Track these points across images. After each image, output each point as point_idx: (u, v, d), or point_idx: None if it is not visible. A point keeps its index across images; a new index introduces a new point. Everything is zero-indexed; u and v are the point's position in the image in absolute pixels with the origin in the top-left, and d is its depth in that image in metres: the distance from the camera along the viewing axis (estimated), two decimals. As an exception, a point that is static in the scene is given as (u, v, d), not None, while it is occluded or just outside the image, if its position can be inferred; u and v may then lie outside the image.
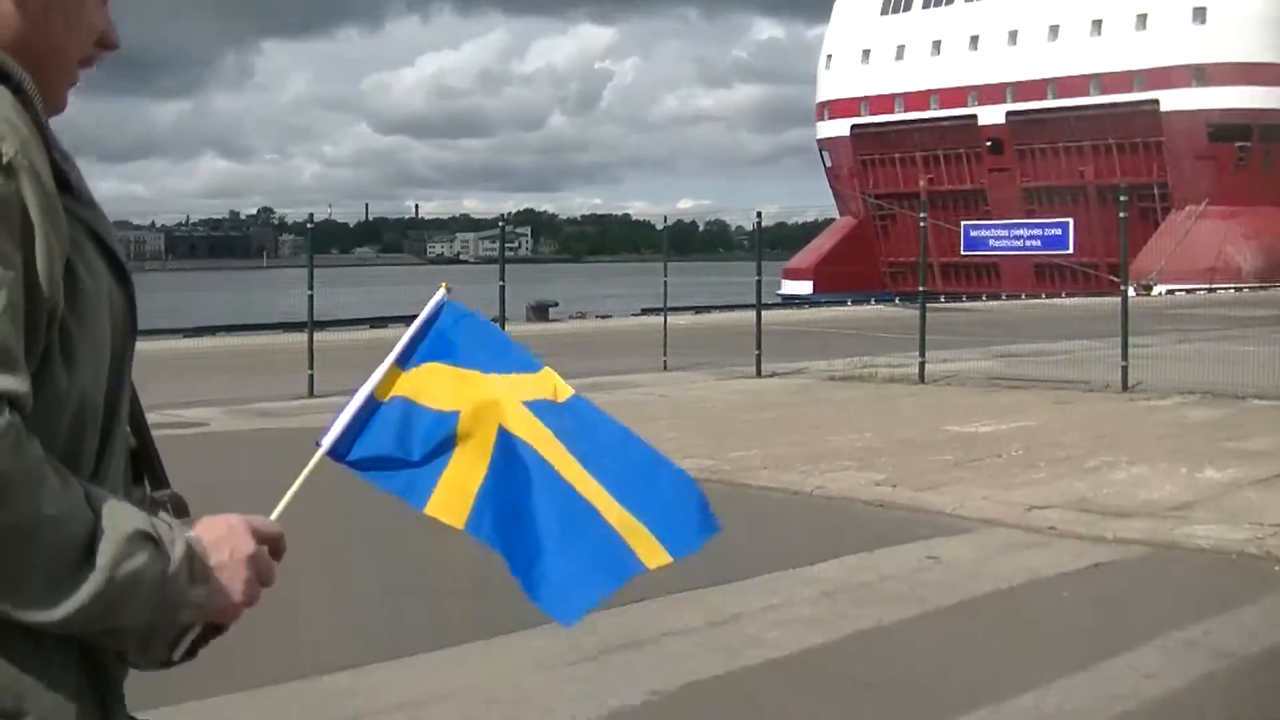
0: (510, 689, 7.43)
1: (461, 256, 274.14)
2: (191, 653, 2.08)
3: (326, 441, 2.50)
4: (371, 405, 2.55)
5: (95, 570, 1.88)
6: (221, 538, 2.07)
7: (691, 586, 9.20)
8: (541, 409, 2.57)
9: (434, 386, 2.57)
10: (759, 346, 25.30)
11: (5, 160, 1.87)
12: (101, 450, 2.06)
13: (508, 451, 2.55)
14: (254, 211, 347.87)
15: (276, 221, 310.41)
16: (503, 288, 25.63)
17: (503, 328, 24.03)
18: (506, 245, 29.76)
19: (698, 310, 52.32)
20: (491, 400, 2.58)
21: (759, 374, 24.83)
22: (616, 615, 8.45)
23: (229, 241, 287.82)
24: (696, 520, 2.55)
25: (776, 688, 7.62)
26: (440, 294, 2.65)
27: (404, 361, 2.59)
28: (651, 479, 2.56)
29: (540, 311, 46.50)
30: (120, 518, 1.92)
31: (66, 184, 2.03)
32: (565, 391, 2.60)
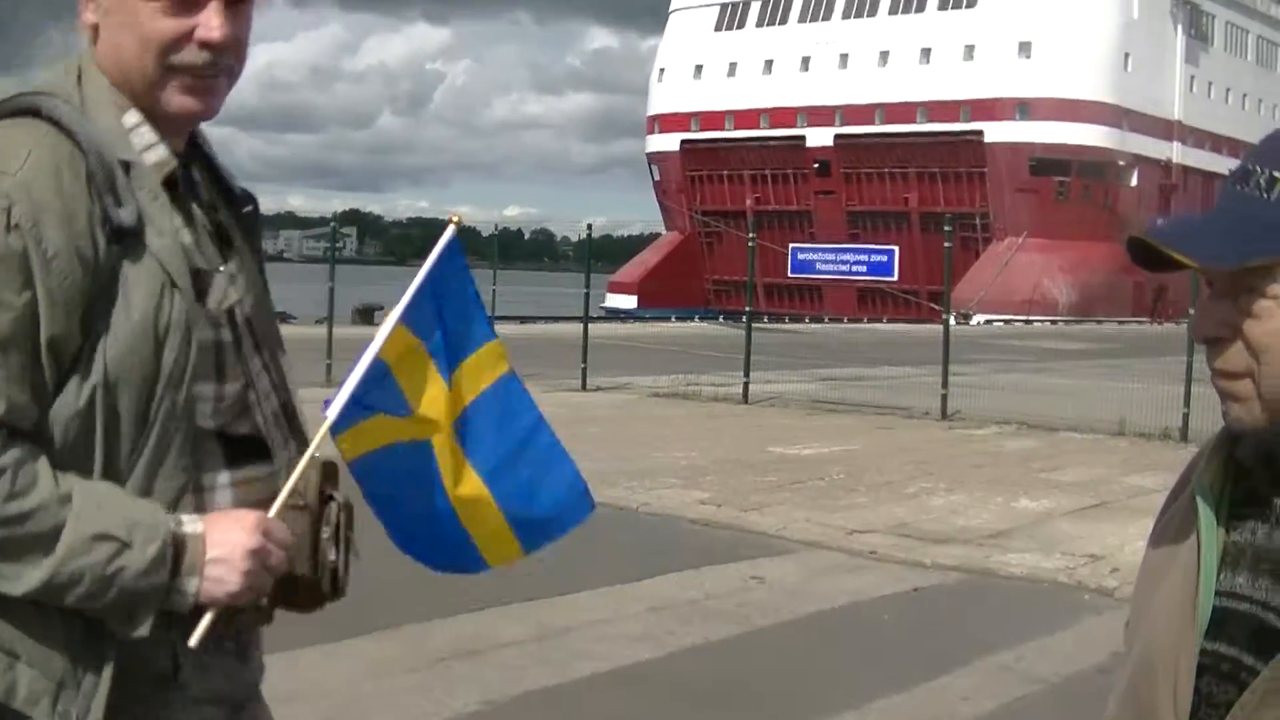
0: (344, 696, 7.48)
1: (285, 254, 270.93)
2: (236, 633, 2.56)
3: (333, 410, 2.60)
4: (378, 367, 2.66)
5: (46, 561, 2.24)
6: (223, 535, 2.36)
7: (522, 599, 9.30)
8: (466, 419, 2.81)
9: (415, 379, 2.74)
10: (584, 359, 25.40)
11: (12, 223, 2.23)
12: (139, 447, 2.36)
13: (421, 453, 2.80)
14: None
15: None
16: (332, 289, 25.49)
17: (330, 330, 23.96)
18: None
19: (523, 320, 52.34)
20: (434, 419, 2.77)
21: (584, 388, 24.94)
22: (450, 625, 8.54)
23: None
24: (572, 507, 3.01)
25: (607, 700, 7.75)
26: (450, 231, 2.79)
27: (410, 320, 2.70)
28: (541, 470, 2.94)
29: (365, 315, 46.02)
30: (87, 521, 2.25)
31: (121, 231, 2.32)
32: (502, 367, 2.86)
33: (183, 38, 2.41)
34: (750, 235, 26.48)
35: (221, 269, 2.51)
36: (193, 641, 2.36)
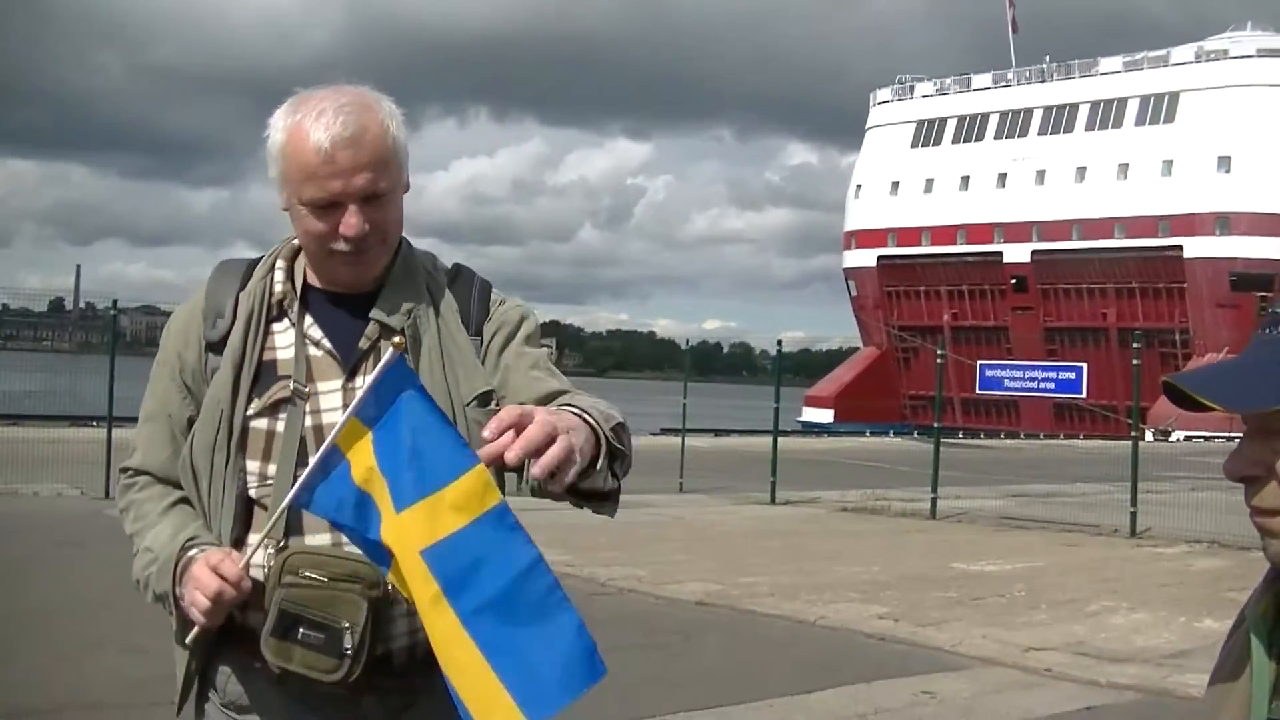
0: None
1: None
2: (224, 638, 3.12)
3: (289, 495, 2.86)
4: (337, 458, 2.79)
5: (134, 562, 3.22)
6: (197, 565, 2.99)
7: (690, 707, 9.45)
8: (438, 555, 2.65)
9: (368, 474, 2.78)
10: (774, 473, 25.54)
11: (162, 341, 3.38)
12: (203, 499, 3.19)
13: None
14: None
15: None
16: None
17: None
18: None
19: (717, 433, 52.51)
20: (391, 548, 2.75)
21: (773, 501, 25.07)
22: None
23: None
24: (576, 669, 2.61)
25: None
26: (390, 354, 2.77)
27: (364, 417, 2.78)
28: (536, 622, 2.62)
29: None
30: (147, 539, 3.19)
31: (209, 344, 3.26)
32: (489, 500, 2.66)
33: (330, 233, 3.12)
34: (940, 351, 26.54)
35: (289, 379, 3.17)
36: (186, 640, 3.08)
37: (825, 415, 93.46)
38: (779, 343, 29.91)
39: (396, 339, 2.87)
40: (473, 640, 2.62)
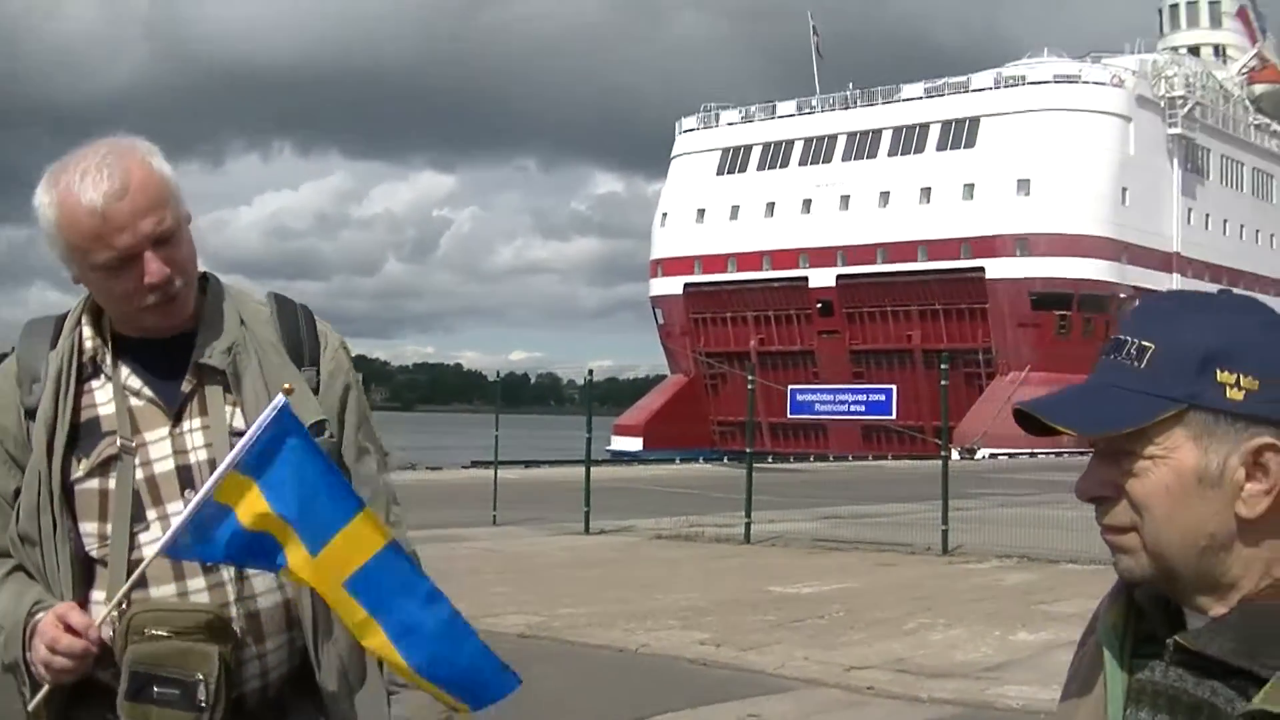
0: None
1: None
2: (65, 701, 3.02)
3: (164, 542, 2.85)
4: (213, 507, 2.82)
5: None
6: (43, 622, 2.92)
7: (516, 742, 9.35)
8: (358, 585, 2.88)
9: (263, 519, 2.83)
10: (587, 503, 25.50)
11: None
12: (39, 565, 3.07)
13: None
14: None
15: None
16: (335, 438, 25.61)
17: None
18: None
19: (528, 464, 52.44)
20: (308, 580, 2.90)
21: (587, 531, 25.03)
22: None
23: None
24: (493, 680, 2.99)
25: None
26: (280, 399, 2.85)
27: (244, 468, 2.82)
28: (450, 644, 2.96)
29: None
30: None
31: (29, 411, 3.13)
32: (380, 539, 2.90)
33: (134, 291, 3.04)
34: (750, 377, 26.65)
35: (114, 434, 3.08)
36: (29, 706, 2.97)
37: (634, 443, 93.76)
38: (590, 372, 29.90)
39: (286, 385, 2.92)
40: (404, 659, 2.91)
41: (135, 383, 3.15)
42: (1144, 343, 1.97)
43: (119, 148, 3.08)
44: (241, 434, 3.02)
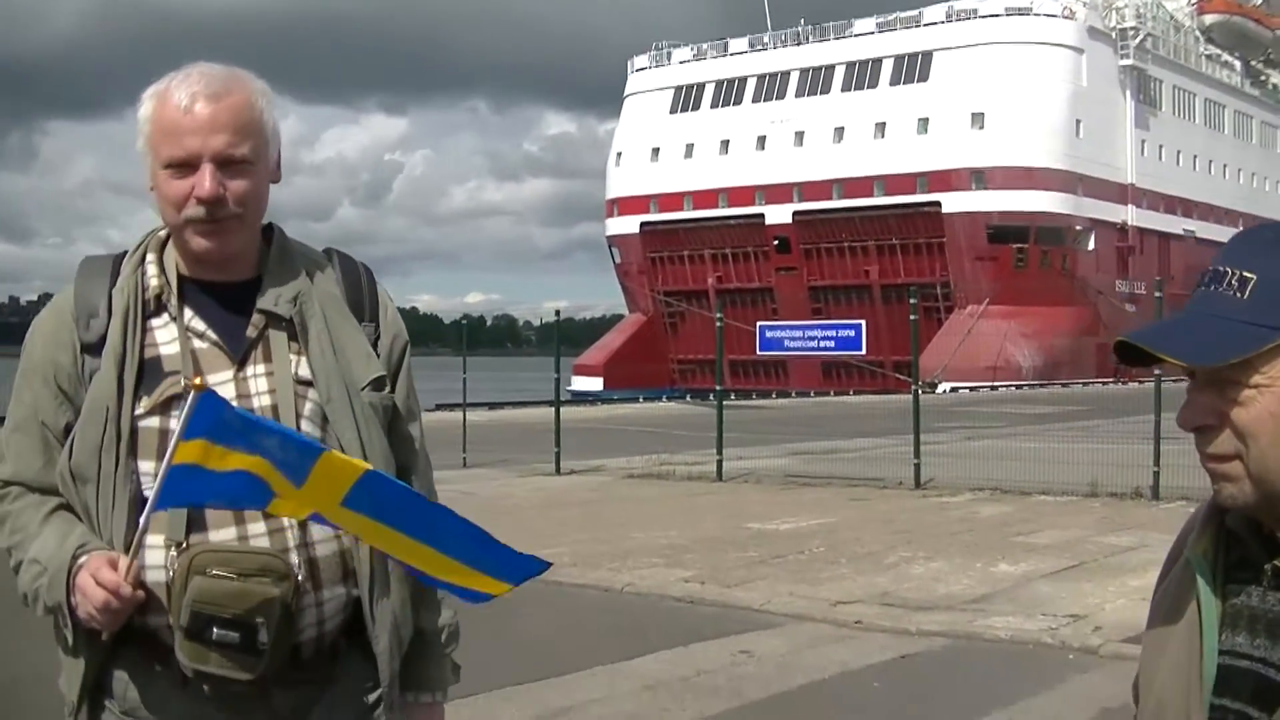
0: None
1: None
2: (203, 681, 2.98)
3: (145, 513, 2.85)
4: (179, 469, 2.80)
5: (19, 576, 3.07)
6: (80, 575, 2.92)
7: (516, 681, 9.42)
8: (356, 500, 2.83)
9: (233, 460, 2.81)
10: (558, 444, 25.53)
11: (24, 350, 3.22)
12: (93, 502, 3.05)
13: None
14: (34, 298, 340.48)
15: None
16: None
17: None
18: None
19: (492, 406, 52.38)
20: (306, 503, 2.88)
21: (558, 471, 25.08)
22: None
23: (7, 328, 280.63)
24: (519, 561, 2.94)
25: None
26: (194, 399, 2.77)
27: (191, 436, 2.79)
28: (469, 535, 2.89)
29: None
30: (33, 550, 3.03)
31: (86, 346, 3.13)
32: (360, 466, 2.88)
33: (186, 196, 3.06)
34: (718, 315, 26.64)
35: (177, 374, 3.08)
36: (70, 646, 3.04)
37: (595, 383, 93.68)
38: (557, 313, 29.79)
39: (197, 380, 2.87)
40: (431, 548, 2.88)
41: (199, 325, 3.16)
42: (1245, 273, 1.99)
43: (233, 71, 3.15)
44: (307, 383, 3.13)
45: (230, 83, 3.08)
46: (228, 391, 3.04)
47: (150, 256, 3.21)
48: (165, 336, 3.14)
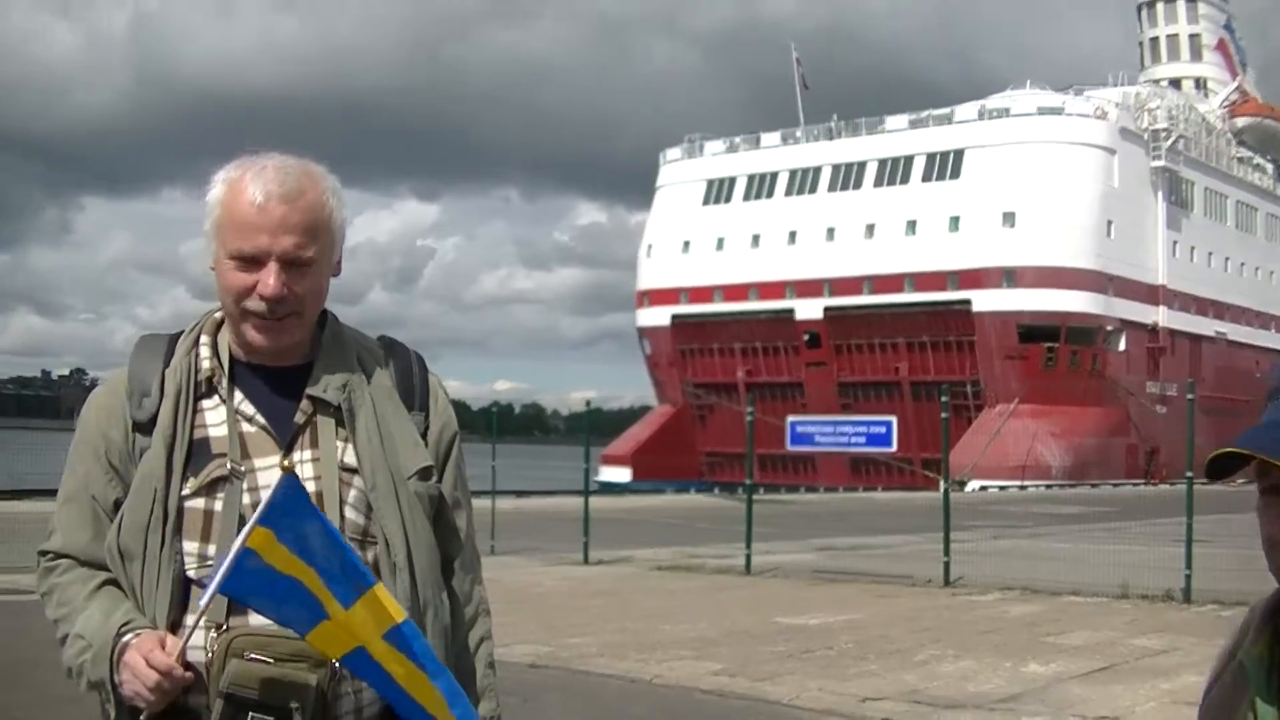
0: None
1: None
2: None
3: (209, 593, 2.85)
4: (249, 557, 2.83)
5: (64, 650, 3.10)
6: (131, 650, 2.95)
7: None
8: (398, 640, 2.93)
9: (291, 564, 2.86)
10: (586, 533, 25.50)
11: (83, 420, 3.26)
12: (138, 581, 3.09)
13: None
14: (66, 372, 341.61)
15: (89, 382, 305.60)
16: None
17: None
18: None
19: (519, 494, 52.29)
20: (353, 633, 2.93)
21: (586, 561, 25.03)
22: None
23: (39, 401, 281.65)
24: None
25: None
26: (278, 480, 2.85)
27: (267, 523, 2.83)
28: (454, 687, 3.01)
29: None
30: (78, 625, 3.07)
31: (137, 424, 3.19)
32: (400, 613, 2.95)
33: (248, 290, 3.12)
34: (749, 409, 26.66)
35: (224, 457, 3.13)
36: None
37: (623, 474, 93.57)
38: (587, 403, 30.15)
39: (285, 463, 3.00)
40: (454, 716, 2.99)
41: (249, 409, 3.20)
42: None
43: (310, 167, 3.21)
44: (352, 470, 3.17)
45: (304, 180, 3.15)
46: (271, 476, 3.04)
47: (204, 339, 3.26)
48: (215, 419, 3.18)
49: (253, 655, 2.92)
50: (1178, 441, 37.25)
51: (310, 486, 3.09)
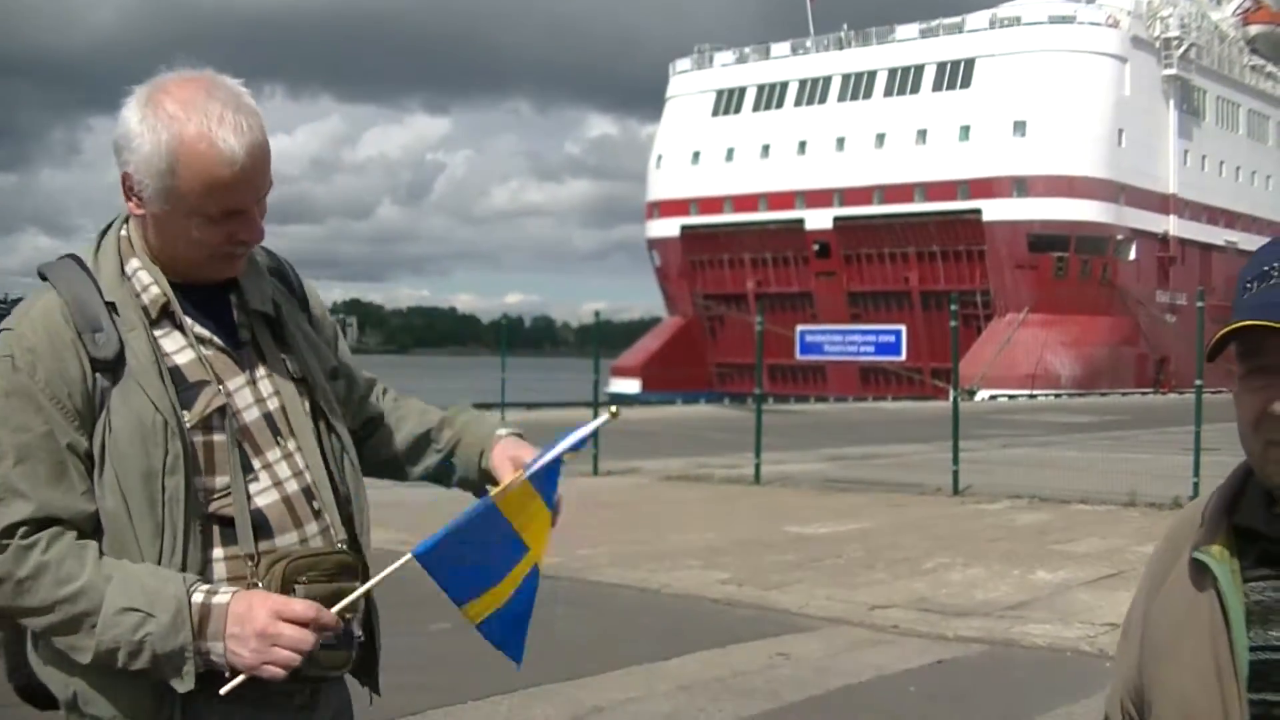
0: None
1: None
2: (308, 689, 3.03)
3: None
4: (487, 508, 2.99)
5: (94, 633, 2.77)
6: (240, 612, 2.78)
7: (553, 680, 9.45)
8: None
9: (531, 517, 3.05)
10: (595, 445, 25.54)
11: (16, 366, 2.85)
12: (156, 530, 2.84)
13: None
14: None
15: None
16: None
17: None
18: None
19: (530, 406, 52.41)
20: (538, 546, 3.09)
21: (596, 472, 25.07)
22: (482, 708, 8.68)
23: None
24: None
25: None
26: (604, 418, 3.16)
27: (537, 480, 3.05)
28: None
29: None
30: (116, 596, 2.76)
31: (98, 361, 2.88)
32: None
33: (222, 241, 2.96)
34: (759, 319, 26.65)
35: (210, 381, 2.96)
36: (222, 690, 2.80)
37: (633, 385, 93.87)
38: (596, 314, 29.98)
39: (614, 407, 3.19)
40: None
41: (202, 331, 3.02)
42: None
43: (246, 99, 2.97)
44: (299, 380, 3.14)
45: (254, 120, 2.93)
46: (246, 397, 3.02)
47: (135, 263, 3.02)
48: (172, 345, 2.96)
49: (307, 577, 2.94)
50: (1187, 351, 37.21)
51: (275, 403, 3.06)
